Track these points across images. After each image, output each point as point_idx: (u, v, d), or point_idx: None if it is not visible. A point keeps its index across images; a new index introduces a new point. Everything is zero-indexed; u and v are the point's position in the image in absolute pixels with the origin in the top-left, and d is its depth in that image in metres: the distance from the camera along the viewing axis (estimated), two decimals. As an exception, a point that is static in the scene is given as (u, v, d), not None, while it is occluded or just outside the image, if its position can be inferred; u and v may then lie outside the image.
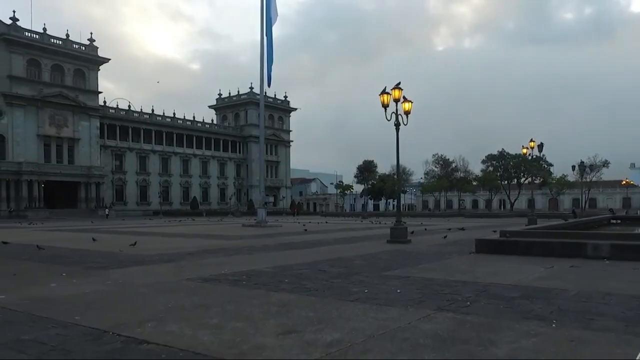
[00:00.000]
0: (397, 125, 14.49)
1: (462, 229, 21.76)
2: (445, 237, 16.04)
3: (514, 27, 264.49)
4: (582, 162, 44.20)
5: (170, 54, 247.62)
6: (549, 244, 10.13)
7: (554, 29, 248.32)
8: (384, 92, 14.25)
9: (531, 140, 27.87)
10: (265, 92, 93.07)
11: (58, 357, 3.60)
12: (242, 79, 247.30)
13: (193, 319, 4.64)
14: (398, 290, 6.15)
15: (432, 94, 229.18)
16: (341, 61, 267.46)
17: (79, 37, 66.64)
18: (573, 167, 44.46)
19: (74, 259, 10.51)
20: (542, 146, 27.88)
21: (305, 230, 21.82)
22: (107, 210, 59.07)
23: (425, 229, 21.99)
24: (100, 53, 67.28)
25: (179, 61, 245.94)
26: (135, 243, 13.49)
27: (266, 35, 29.24)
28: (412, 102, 14.87)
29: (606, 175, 69.33)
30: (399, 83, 14.36)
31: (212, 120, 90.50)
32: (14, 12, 58.43)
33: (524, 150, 28.99)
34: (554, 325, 4.32)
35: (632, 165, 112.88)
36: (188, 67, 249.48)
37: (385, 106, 14.34)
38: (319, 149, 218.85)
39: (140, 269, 8.69)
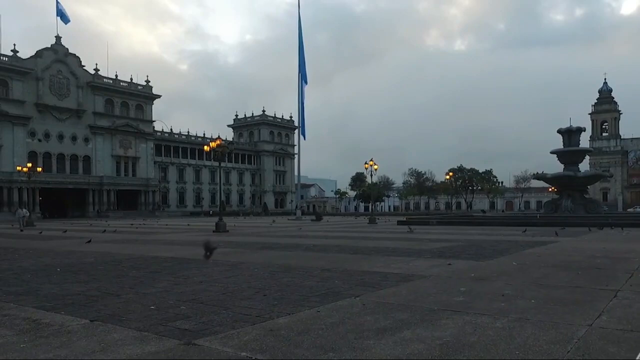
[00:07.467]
0: (371, 176, 35.54)
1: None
2: (396, 222, 36.88)
3: (504, 29, 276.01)
4: (496, 181, 66.04)
5: (158, 54, 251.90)
6: (419, 220, 31.26)
7: (545, 31, 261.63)
8: (366, 163, 35.27)
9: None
10: (275, 114, 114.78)
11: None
12: (235, 82, 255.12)
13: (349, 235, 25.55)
14: (369, 230, 27.01)
15: (425, 94, 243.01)
16: (334, 64, 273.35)
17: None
18: (500, 183, 65.74)
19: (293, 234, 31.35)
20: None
21: (327, 221, 42.67)
22: (210, 211, 79.15)
23: (389, 220, 42.92)
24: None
25: (166, 61, 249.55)
26: (273, 221, 34.14)
27: (302, 103, 49.99)
28: (378, 165, 35.84)
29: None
30: (372, 159, 35.29)
31: (232, 138, 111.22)
32: (96, 64, 78.93)
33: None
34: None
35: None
36: (176, 67, 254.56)
37: (366, 168, 35.31)
38: (317, 153, 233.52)
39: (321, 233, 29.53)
